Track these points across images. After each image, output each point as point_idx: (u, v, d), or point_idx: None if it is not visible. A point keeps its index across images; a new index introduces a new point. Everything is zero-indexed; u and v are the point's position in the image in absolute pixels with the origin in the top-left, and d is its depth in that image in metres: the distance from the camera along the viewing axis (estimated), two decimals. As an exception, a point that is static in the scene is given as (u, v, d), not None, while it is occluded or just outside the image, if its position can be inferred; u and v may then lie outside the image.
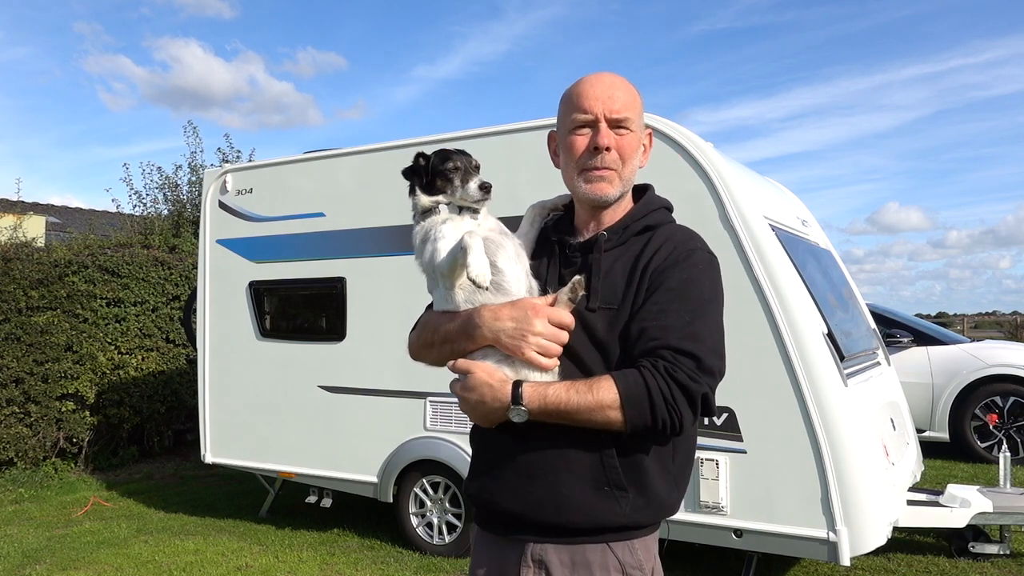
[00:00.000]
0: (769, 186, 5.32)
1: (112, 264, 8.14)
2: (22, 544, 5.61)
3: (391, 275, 5.18)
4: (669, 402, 1.40)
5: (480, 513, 1.66)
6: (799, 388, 3.85)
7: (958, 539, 4.73)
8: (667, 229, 1.62)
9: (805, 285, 4.12)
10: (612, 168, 1.58)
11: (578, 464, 1.49)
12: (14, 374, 7.27)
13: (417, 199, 1.69)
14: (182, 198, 12.17)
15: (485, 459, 1.62)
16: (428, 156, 1.69)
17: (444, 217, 1.65)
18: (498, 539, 1.59)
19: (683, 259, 1.53)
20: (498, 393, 1.48)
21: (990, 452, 7.22)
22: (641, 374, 1.42)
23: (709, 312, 1.51)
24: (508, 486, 1.54)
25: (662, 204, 1.69)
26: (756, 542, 3.99)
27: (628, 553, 1.49)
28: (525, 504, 1.52)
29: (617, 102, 1.57)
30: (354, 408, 5.33)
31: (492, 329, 1.52)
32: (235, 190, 5.94)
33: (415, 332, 1.76)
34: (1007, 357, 7.51)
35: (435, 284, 1.66)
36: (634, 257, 1.56)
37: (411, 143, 5.18)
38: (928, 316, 25.21)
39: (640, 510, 1.49)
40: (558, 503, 1.48)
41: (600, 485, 1.47)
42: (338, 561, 5.03)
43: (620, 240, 1.60)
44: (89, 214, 15.25)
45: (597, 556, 1.48)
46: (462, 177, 1.64)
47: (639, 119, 1.62)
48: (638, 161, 1.64)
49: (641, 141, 1.65)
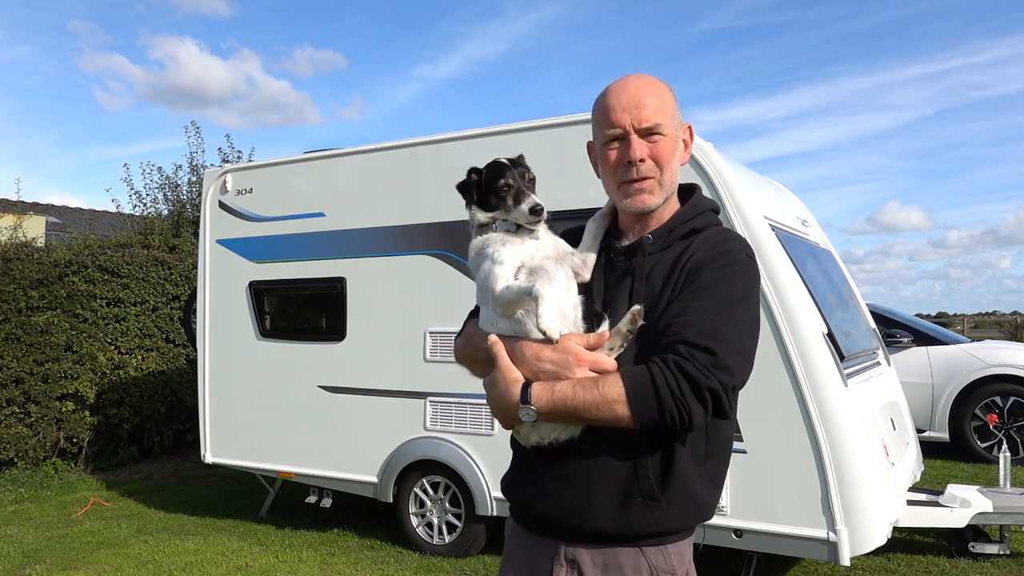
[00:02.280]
0: (769, 186, 5.32)
1: (112, 264, 8.14)
2: (22, 544, 5.61)
3: (391, 275, 5.19)
4: (676, 395, 1.38)
5: (516, 511, 1.67)
6: (799, 388, 3.85)
7: (958, 539, 4.73)
8: (710, 232, 1.58)
9: (805, 285, 4.12)
10: (650, 176, 1.55)
11: (613, 474, 1.49)
12: (14, 374, 7.27)
13: (473, 214, 1.65)
14: (182, 198, 12.16)
15: (525, 461, 1.61)
16: (480, 171, 1.64)
17: (502, 238, 1.60)
18: (532, 535, 1.61)
19: (718, 258, 1.51)
20: (509, 390, 1.49)
21: (990, 452, 7.22)
22: (648, 369, 1.41)
23: (737, 312, 1.47)
24: (545, 492, 1.55)
25: (709, 206, 1.66)
26: (756, 542, 3.99)
27: (661, 558, 1.49)
28: (560, 510, 1.52)
29: (645, 110, 1.53)
30: (354, 408, 5.33)
31: (532, 368, 1.50)
32: (235, 190, 5.94)
33: (460, 340, 1.74)
34: (1007, 357, 7.51)
35: (485, 303, 1.63)
36: (674, 259, 1.54)
37: (411, 143, 5.19)
38: (928, 316, 25.20)
39: (674, 517, 1.49)
40: (593, 512, 1.49)
41: (634, 495, 1.47)
42: (338, 561, 5.03)
43: (665, 244, 1.58)
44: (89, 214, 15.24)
45: (630, 559, 1.49)
46: (514, 196, 1.58)
47: (672, 119, 1.57)
48: (678, 162, 1.60)
49: (678, 142, 1.60)
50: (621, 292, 1.57)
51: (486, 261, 1.57)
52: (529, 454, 1.58)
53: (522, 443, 1.59)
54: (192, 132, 12.66)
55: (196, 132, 12.56)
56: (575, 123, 4.46)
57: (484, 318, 1.62)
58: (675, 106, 1.59)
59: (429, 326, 4.97)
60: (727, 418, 1.50)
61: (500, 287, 1.54)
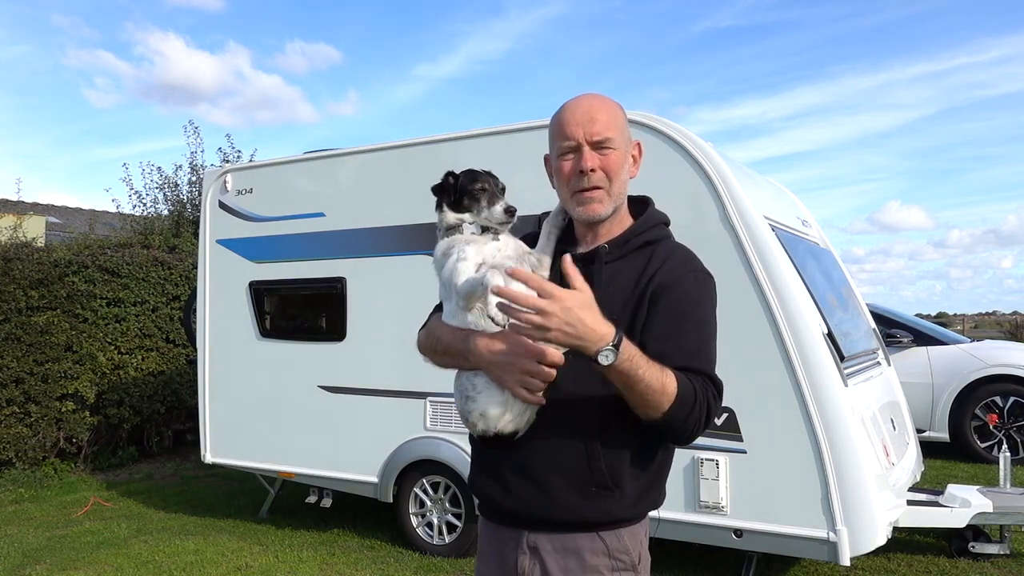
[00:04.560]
0: (769, 186, 5.32)
1: (112, 264, 8.13)
2: (22, 544, 5.61)
3: (391, 275, 5.19)
4: (700, 419, 1.53)
5: (481, 504, 1.79)
6: (799, 388, 3.85)
7: (958, 539, 4.73)
8: (667, 245, 1.70)
9: (805, 285, 4.12)
10: (600, 187, 1.66)
11: (567, 466, 1.59)
12: (14, 374, 7.26)
13: (443, 215, 1.74)
14: (182, 198, 12.16)
15: (485, 456, 1.72)
16: (457, 175, 1.75)
17: (468, 238, 1.70)
18: (498, 527, 1.72)
19: (688, 279, 1.63)
20: (606, 325, 1.42)
21: (990, 452, 7.22)
22: (693, 385, 1.52)
23: (712, 333, 1.63)
24: (505, 484, 1.66)
25: (660, 220, 1.77)
26: (756, 542, 3.99)
27: (615, 539, 1.61)
28: (520, 501, 1.64)
29: (597, 124, 1.64)
30: (354, 408, 5.33)
31: (484, 358, 1.58)
32: (235, 190, 5.94)
33: (423, 332, 1.85)
34: (1007, 357, 7.51)
35: (448, 298, 1.71)
36: (638, 272, 1.64)
37: (411, 143, 5.19)
38: (928, 316, 25.21)
39: (627, 507, 1.61)
40: (549, 503, 1.61)
41: (588, 486, 1.59)
42: (338, 561, 5.03)
43: (621, 254, 1.68)
44: (89, 214, 15.23)
45: (587, 542, 1.60)
46: (488, 198, 1.71)
47: (622, 135, 1.69)
48: (626, 175, 1.71)
49: (628, 155, 1.71)
50: None
51: (451, 258, 1.67)
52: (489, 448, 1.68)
53: (470, 431, 1.68)
54: (191, 132, 12.66)
55: (195, 132, 12.57)
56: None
57: (447, 311, 1.72)
58: (625, 124, 1.71)
59: (429, 326, 4.95)
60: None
61: (461, 280, 1.62)
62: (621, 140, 1.68)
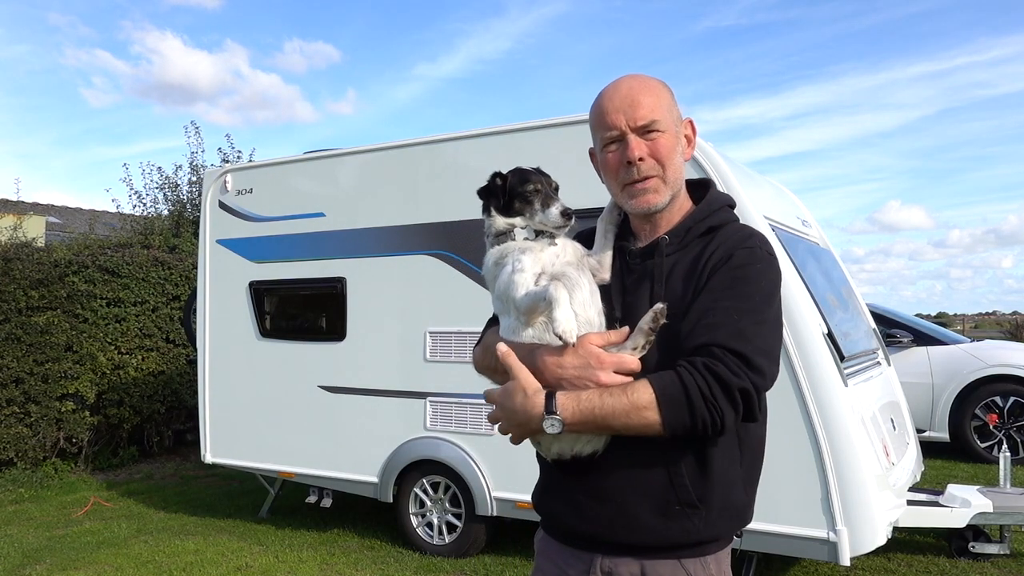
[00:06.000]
0: (769, 186, 5.32)
1: (112, 264, 8.13)
2: (22, 544, 5.61)
3: (391, 275, 5.19)
4: (708, 399, 1.34)
5: (548, 525, 1.63)
6: (799, 388, 3.85)
7: (958, 539, 4.72)
8: (729, 229, 1.54)
9: (805, 285, 4.12)
10: (653, 175, 1.51)
11: (647, 484, 1.44)
12: (14, 374, 7.27)
13: (492, 220, 1.60)
14: (182, 198, 12.17)
15: (555, 476, 1.56)
16: (505, 176, 1.60)
17: (522, 245, 1.55)
18: (566, 547, 1.56)
19: (737, 256, 1.46)
20: (531, 400, 1.42)
21: (990, 452, 7.22)
22: (677, 373, 1.36)
23: (761, 311, 1.43)
24: (578, 507, 1.51)
25: (725, 202, 1.61)
26: (756, 542, 3.99)
27: (700, 568, 1.46)
28: (596, 524, 1.48)
29: (640, 108, 1.49)
30: (354, 408, 5.33)
31: (554, 376, 1.44)
32: (235, 190, 5.94)
33: (479, 350, 1.68)
34: (1007, 357, 7.51)
35: (505, 312, 1.57)
36: (694, 259, 1.49)
37: (411, 143, 5.18)
38: (928, 316, 25.20)
39: (713, 524, 1.45)
40: (629, 524, 1.45)
41: (671, 504, 1.43)
42: (338, 561, 5.03)
43: (682, 244, 1.53)
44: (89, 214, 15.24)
45: (668, 570, 1.45)
46: (543, 201, 1.56)
47: (670, 115, 1.53)
48: (680, 158, 1.55)
49: (678, 137, 1.55)
50: (640, 295, 1.52)
51: (506, 270, 1.53)
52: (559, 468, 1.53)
53: (543, 455, 1.54)
54: (191, 132, 12.67)
55: (196, 132, 12.58)
56: (576, 123, 4.46)
57: (505, 327, 1.57)
58: (672, 101, 1.55)
59: (429, 326, 4.96)
60: (756, 420, 1.45)
61: (520, 294, 1.49)
62: (669, 121, 1.52)
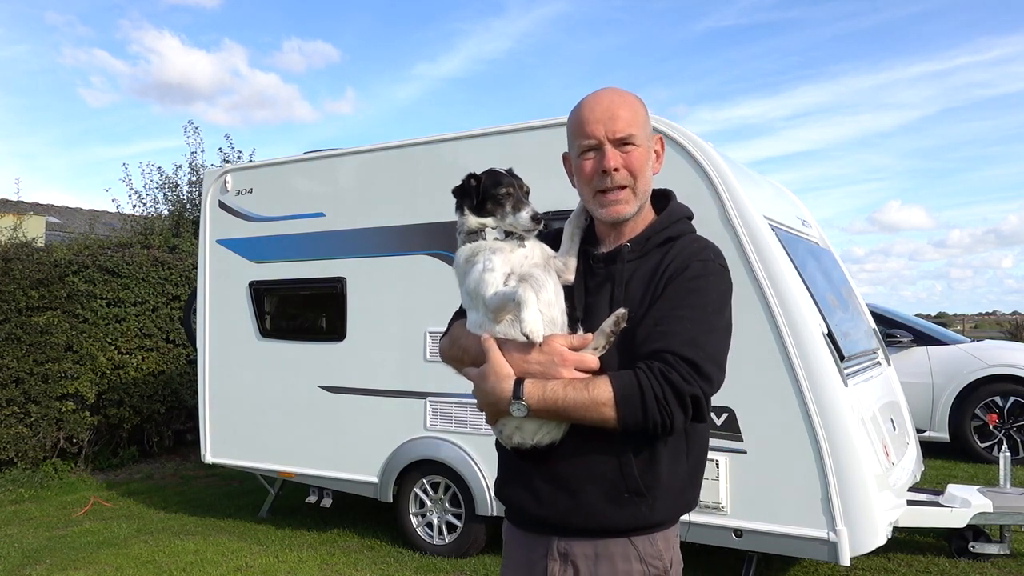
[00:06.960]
0: (768, 186, 5.32)
1: (112, 264, 8.13)
2: (22, 544, 5.61)
3: (391, 275, 5.19)
4: (661, 402, 1.46)
5: (510, 513, 1.75)
6: (799, 388, 3.85)
7: (958, 539, 4.73)
8: (685, 240, 1.65)
9: (805, 285, 4.12)
10: (625, 185, 1.61)
11: (600, 473, 1.56)
12: (14, 374, 7.26)
13: (464, 219, 1.68)
14: (182, 198, 12.17)
15: (514, 464, 1.67)
16: (479, 177, 1.68)
17: (492, 245, 1.64)
18: (527, 534, 1.69)
19: (692, 268, 1.57)
20: (501, 385, 1.54)
21: (990, 452, 7.22)
22: (636, 375, 1.48)
23: (712, 321, 1.55)
24: (536, 493, 1.62)
25: (683, 214, 1.71)
26: (756, 542, 3.99)
27: (648, 544, 1.58)
28: (552, 510, 1.60)
29: (619, 121, 1.59)
30: (354, 408, 5.33)
31: (520, 370, 1.55)
32: (235, 190, 5.94)
33: (446, 341, 1.79)
34: (1007, 357, 7.51)
35: (474, 308, 1.66)
36: (652, 268, 1.60)
37: (411, 143, 5.19)
38: (928, 316, 25.21)
39: (659, 511, 1.58)
40: (583, 510, 1.57)
41: (621, 493, 1.55)
42: (338, 561, 5.03)
43: (642, 252, 1.64)
44: (89, 214, 15.24)
45: (619, 548, 1.57)
46: (514, 204, 1.64)
47: (644, 131, 1.63)
48: (650, 172, 1.66)
49: (650, 152, 1.66)
50: (601, 298, 1.63)
51: (476, 268, 1.61)
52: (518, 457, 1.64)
53: (504, 444, 1.65)
54: (191, 132, 12.67)
55: (195, 132, 12.58)
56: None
57: (473, 321, 1.67)
58: (647, 118, 1.66)
59: (429, 326, 4.96)
60: (704, 422, 1.59)
61: (490, 293, 1.58)
62: (643, 136, 1.63)
